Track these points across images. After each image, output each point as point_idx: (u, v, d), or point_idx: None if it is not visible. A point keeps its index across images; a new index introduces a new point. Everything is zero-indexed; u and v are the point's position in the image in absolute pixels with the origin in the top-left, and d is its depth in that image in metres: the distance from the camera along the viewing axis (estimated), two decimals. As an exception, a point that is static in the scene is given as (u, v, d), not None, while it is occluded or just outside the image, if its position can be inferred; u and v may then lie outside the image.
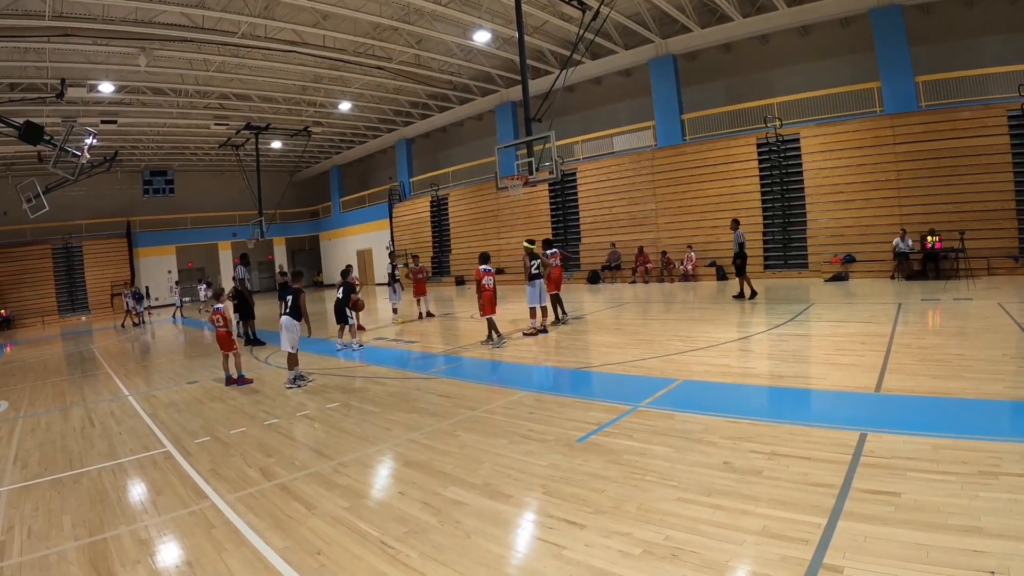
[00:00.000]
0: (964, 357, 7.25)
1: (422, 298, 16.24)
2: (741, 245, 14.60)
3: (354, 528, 3.97)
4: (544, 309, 12.11)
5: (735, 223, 14.92)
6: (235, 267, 15.31)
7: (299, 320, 8.71)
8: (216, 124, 28.42)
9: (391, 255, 16.76)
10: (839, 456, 4.43)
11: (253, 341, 13.86)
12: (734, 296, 14.96)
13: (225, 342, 9.18)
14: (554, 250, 12.97)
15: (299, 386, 8.67)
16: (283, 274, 22.13)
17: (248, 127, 27.34)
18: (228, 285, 33.23)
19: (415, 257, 17.97)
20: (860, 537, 3.28)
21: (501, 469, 4.78)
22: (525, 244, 12.10)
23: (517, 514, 4.03)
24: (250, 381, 9.22)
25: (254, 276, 40.13)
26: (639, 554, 3.34)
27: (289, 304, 8.77)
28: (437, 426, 6.15)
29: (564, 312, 13.06)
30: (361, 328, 13.48)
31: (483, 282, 10.80)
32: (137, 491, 5.08)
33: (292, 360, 8.78)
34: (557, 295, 12.80)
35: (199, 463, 5.58)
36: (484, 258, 11.32)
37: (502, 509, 4.11)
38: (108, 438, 6.87)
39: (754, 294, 14.68)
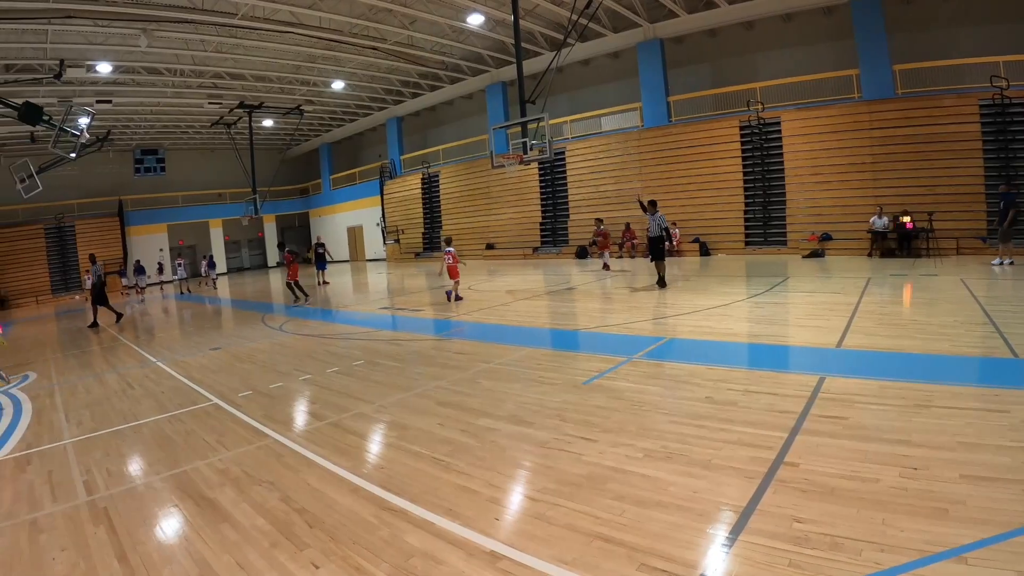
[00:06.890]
0: (919, 322, 8.13)
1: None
2: (665, 229, 13.57)
3: (406, 450, 4.81)
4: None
5: (652, 205, 13.79)
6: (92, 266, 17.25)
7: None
8: (210, 103, 28.68)
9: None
10: (800, 392, 5.31)
11: (94, 325, 16.44)
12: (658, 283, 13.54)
13: (453, 272, 13.58)
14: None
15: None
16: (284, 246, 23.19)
17: (241, 105, 27.69)
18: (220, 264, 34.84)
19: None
20: (813, 445, 4.18)
21: (522, 405, 5.69)
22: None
23: (541, 435, 4.89)
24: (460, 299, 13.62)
25: (244, 253, 43.55)
26: (641, 457, 4.26)
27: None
28: (459, 376, 7.03)
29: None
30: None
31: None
32: (199, 433, 5.76)
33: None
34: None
35: (254, 411, 6.28)
36: (448, 241, 14.12)
37: (528, 432, 4.99)
38: (153, 397, 7.47)
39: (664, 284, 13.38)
